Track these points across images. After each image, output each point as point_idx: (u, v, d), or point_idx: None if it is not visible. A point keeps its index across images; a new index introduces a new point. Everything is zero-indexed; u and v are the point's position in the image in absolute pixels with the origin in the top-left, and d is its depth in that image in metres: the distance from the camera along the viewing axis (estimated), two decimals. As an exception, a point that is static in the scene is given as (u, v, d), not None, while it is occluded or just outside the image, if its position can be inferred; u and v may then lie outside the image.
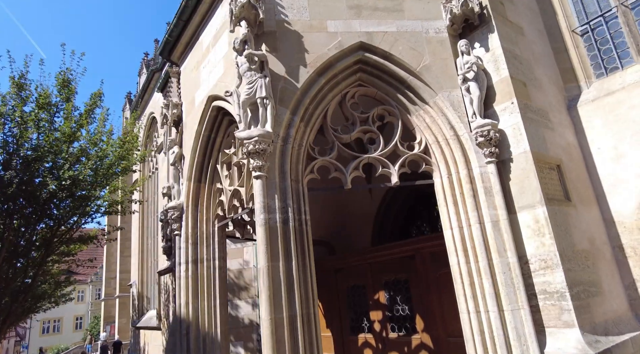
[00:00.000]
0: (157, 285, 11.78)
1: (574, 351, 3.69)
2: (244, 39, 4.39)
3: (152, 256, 14.15)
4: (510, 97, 4.50)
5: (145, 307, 14.04)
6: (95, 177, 7.48)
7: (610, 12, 5.45)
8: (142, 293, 14.22)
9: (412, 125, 4.87)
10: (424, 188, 7.35)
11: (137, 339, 13.79)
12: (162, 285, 11.59)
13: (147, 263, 14.46)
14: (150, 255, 14.30)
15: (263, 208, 4.02)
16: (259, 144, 4.07)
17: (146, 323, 12.71)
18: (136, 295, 14.33)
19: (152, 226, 14.19)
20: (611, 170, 4.89)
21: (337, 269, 7.00)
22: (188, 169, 5.98)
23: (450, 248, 4.46)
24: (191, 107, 6.15)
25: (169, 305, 10.91)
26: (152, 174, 14.76)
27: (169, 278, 11.12)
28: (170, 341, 10.47)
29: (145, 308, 14.04)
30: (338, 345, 6.79)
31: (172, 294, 10.74)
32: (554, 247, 3.98)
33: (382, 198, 8.09)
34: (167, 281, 11.20)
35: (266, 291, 3.77)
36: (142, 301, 14.14)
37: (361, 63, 4.83)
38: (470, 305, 4.21)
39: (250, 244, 8.28)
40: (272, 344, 3.63)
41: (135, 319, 14.01)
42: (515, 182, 4.34)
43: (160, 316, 11.49)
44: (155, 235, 13.91)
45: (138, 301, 14.22)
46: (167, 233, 11.24)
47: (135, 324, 13.81)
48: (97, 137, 7.94)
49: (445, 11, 4.95)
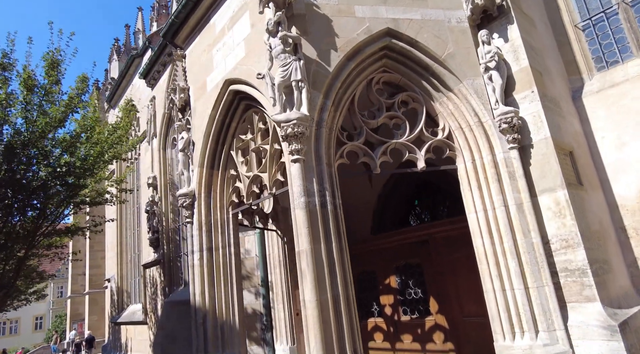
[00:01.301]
0: (142, 279, 11.40)
1: (596, 323, 3.96)
2: (277, 21, 4.32)
3: (132, 249, 13.66)
4: (530, 86, 4.71)
5: (126, 302, 13.57)
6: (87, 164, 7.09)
7: (611, 8, 5.79)
8: (121, 288, 13.72)
9: (434, 111, 4.99)
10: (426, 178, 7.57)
11: (117, 336, 13.31)
12: (148, 278, 11.25)
13: (127, 256, 13.95)
14: (130, 248, 13.80)
15: (303, 191, 4.01)
16: (297, 127, 4.04)
17: (129, 318, 12.29)
18: (115, 290, 13.80)
19: (132, 219, 13.67)
20: (615, 157, 5.24)
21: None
22: (200, 155, 5.82)
23: (475, 230, 4.64)
24: (201, 91, 5.98)
25: (157, 298, 10.62)
26: (131, 164, 14.19)
27: (156, 271, 10.81)
28: (159, 334, 10.22)
29: (125, 303, 13.56)
30: (346, 330, 6.88)
31: (162, 286, 10.46)
32: (575, 228, 4.23)
33: (382, 187, 8.22)
34: (154, 274, 10.88)
35: (311, 274, 3.78)
36: (121, 296, 13.65)
37: (387, 49, 4.88)
38: (496, 284, 4.41)
39: (251, 233, 8.17)
40: (319, 325, 3.65)
41: (115, 315, 13.51)
42: (536, 167, 4.57)
43: (146, 310, 11.15)
44: (136, 226, 13.43)
45: (117, 296, 13.71)
46: (153, 224, 10.95)
47: (115, 320, 13.32)
48: (89, 122, 7.51)
49: (466, 1, 5.08)
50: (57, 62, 7.10)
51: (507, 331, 4.28)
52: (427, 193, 7.44)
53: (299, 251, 3.99)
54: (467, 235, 5.13)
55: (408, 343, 5.94)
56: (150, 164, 11.63)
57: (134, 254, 13.60)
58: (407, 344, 5.95)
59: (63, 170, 6.49)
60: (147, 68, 11.85)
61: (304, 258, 3.88)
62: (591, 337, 3.96)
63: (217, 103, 5.60)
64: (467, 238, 5.23)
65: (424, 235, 5.83)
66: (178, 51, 6.65)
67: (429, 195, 7.41)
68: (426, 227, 5.93)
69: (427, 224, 6.06)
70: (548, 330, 4.09)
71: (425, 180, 7.64)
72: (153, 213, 10.91)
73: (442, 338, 5.59)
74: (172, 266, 10.50)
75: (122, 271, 13.86)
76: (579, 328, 4.06)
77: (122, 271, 13.86)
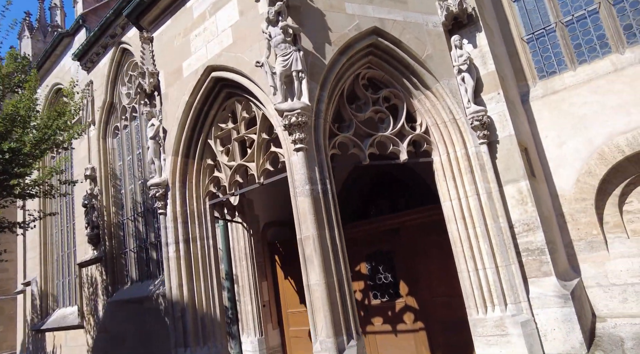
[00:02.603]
0: (78, 279, 10.46)
1: (552, 294, 4.64)
2: (278, 10, 4.35)
3: (61, 248, 12.42)
4: (496, 89, 5.31)
5: (51, 307, 12.30)
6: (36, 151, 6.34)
7: (550, 26, 6.68)
8: (45, 291, 12.40)
9: (413, 108, 5.37)
10: (387, 170, 8.03)
11: (40, 344, 12.02)
12: (85, 278, 10.38)
13: (52, 256, 12.63)
14: (57, 246, 12.52)
15: (307, 179, 4.11)
16: (301, 117, 4.12)
17: (58, 323, 11.19)
18: (37, 294, 12.43)
19: (61, 214, 12.40)
20: (556, 154, 6.08)
21: (313, 246, 7.25)
22: (175, 143, 5.60)
23: (450, 216, 5.11)
24: (175, 76, 5.74)
25: (97, 299, 9.88)
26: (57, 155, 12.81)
27: (96, 270, 10.04)
28: (101, 338, 9.52)
29: (50, 308, 12.29)
30: (315, 318, 7.08)
31: (103, 286, 9.72)
32: (535, 213, 4.89)
33: (343, 181, 8.53)
34: (94, 273, 10.09)
35: (318, 258, 3.91)
36: (46, 301, 12.34)
37: (373, 46, 5.14)
38: (470, 265, 4.92)
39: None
40: (328, 306, 3.81)
41: (38, 322, 12.18)
42: (502, 160, 5.17)
43: (82, 313, 10.27)
44: (66, 223, 12.24)
45: (40, 300, 12.36)
46: (92, 219, 10.13)
47: (37, 327, 12.01)
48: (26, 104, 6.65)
49: (441, 8, 5.54)
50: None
51: (480, 306, 4.81)
52: (385, 186, 7.89)
53: (303, 237, 4.09)
54: (437, 223, 5.64)
55: (379, 325, 6.32)
56: (87, 154, 10.69)
57: (62, 253, 12.37)
58: (378, 326, 6.33)
59: (6, 157, 5.71)
60: (83, 50, 10.85)
61: (309, 244, 3.99)
62: (549, 305, 4.63)
63: (196, 90, 5.43)
64: (436, 225, 5.74)
65: (395, 223, 6.23)
66: (144, 33, 6.27)
67: (387, 187, 7.87)
68: (398, 216, 6.34)
69: (400, 213, 6.46)
70: (515, 302, 4.69)
71: (384, 173, 8.12)
72: (92, 207, 10.07)
73: (412, 318, 6.04)
74: (116, 263, 9.81)
75: (46, 272, 12.53)
76: (538, 299, 4.71)
77: (46, 272, 12.53)
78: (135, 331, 8.72)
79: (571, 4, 6.44)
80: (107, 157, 10.46)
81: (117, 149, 10.57)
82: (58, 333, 11.24)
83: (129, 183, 10.11)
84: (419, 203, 7.30)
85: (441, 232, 5.65)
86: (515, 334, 4.53)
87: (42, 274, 12.48)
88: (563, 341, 4.48)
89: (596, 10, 6.21)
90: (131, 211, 9.89)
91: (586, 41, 6.29)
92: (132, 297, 9.02)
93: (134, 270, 9.55)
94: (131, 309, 8.92)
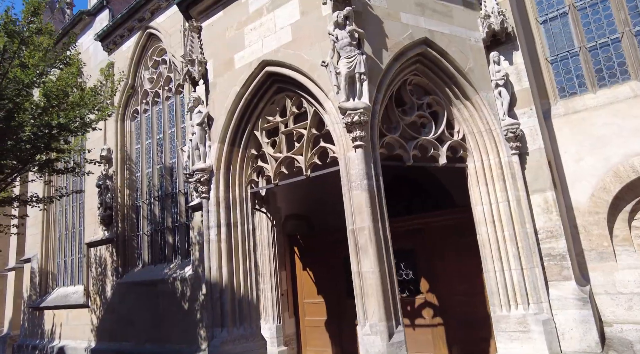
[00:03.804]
0: (86, 258, 10.49)
1: (572, 296, 5.07)
2: (347, 15, 4.63)
3: (64, 226, 12.38)
4: (529, 104, 5.72)
5: (50, 285, 12.25)
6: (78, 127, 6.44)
7: (574, 50, 7.15)
8: (45, 269, 12.34)
9: (452, 116, 5.73)
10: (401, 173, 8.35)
11: (37, 322, 11.96)
12: (94, 258, 10.43)
13: (54, 234, 12.58)
14: (61, 225, 12.47)
15: (364, 174, 4.42)
16: (363, 115, 4.42)
17: (60, 302, 11.18)
18: (37, 272, 12.36)
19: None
20: (573, 168, 6.52)
21: (336, 240, 7.53)
22: (222, 131, 5.82)
23: (481, 220, 5.49)
24: (225, 67, 5.96)
25: (105, 280, 9.97)
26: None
27: (105, 250, 10.11)
28: (108, 319, 9.60)
29: (49, 286, 12.25)
30: (333, 309, 7.37)
31: (113, 267, 9.81)
32: (559, 222, 5.32)
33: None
34: (103, 253, 10.16)
35: (373, 247, 4.23)
36: (45, 279, 12.29)
37: (421, 55, 5.48)
38: (497, 265, 5.30)
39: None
40: (380, 292, 4.13)
41: (36, 299, 12.12)
42: (530, 171, 5.58)
43: (88, 293, 10.31)
44: (72, 202, 12.20)
45: (40, 278, 12.30)
46: (106, 200, 10.19)
47: (36, 304, 11.95)
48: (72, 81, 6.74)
49: (483, 25, 5.92)
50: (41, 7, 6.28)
51: (504, 304, 5.19)
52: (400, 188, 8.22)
53: (357, 228, 4.39)
54: (459, 225, 6.03)
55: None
56: (103, 135, 10.71)
57: (65, 231, 12.33)
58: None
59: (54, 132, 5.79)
60: (107, 31, 10.88)
61: (364, 234, 4.30)
62: (568, 307, 5.05)
63: (248, 82, 5.66)
64: (458, 228, 6.13)
65: (420, 223, 6.58)
66: (193, 22, 6.46)
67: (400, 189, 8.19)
68: (423, 217, 6.69)
69: (425, 214, 6.82)
70: (537, 302, 5.09)
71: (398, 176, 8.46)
72: (107, 188, 10.12)
73: (431, 313, 6.40)
74: (127, 246, 9.90)
75: (47, 250, 12.47)
76: (558, 301, 5.13)
77: (47, 250, 12.47)
78: (146, 313, 8.84)
79: (595, 31, 6.91)
80: (124, 139, 10.52)
81: (134, 132, 10.64)
82: (59, 312, 11.23)
83: (146, 167, 10.20)
84: (434, 206, 7.68)
85: (462, 234, 6.05)
86: (537, 331, 4.92)
87: (42, 251, 12.41)
88: (579, 340, 4.90)
89: (619, 39, 6.68)
90: (147, 195, 9.99)
91: (607, 67, 6.77)
92: (144, 279, 9.13)
93: (147, 252, 9.66)
94: (143, 291, 9.04)
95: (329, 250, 7.54)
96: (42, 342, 11.54)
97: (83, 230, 11.22)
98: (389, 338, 4.03)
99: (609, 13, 6.77)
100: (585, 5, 6.94)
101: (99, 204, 10.13)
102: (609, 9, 6.77)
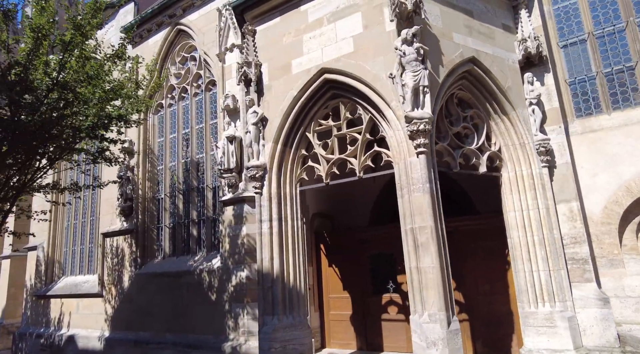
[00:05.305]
0: (101, 248, 10.55)
1: (594, 297, 5.67)
2: (415, 33, 5.09)
3: (74, 216, 12.36)
4: (558, 122, 6.33)
5: (56, 274, 12.20)
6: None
7: (591, 75, 7.84)
8: (52, 258, 12.28)
9: (490, 129, 6.27)
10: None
11: (43, 310, 11.88)
12: (110, 248, 10.52)
13: (63, 223, 12.53)
14: (71, 214, 12.43)
15: (427, 178, 4.87)
16: (427, 124, 4.89)
17: (70, 290, 11.18)
18: (42, 260, 12.29)
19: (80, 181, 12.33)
20: (588, 182, 7.16)
21: (362, 240, 7.97)
22: (276, 132, 6.18)
23: (513, 225, 6.03)
24: (282, 72, 6.32)
25: (123, 270, 10.10)
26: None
27: (124, 241, 10.24)
28: (126, 309, 9.73)
29: (55, 275, 12.19)
30: (358, 304, 7.78)
31: (131, 257, 9.94)
32: (583, 229, 5.92)
33: (383, 184, 9.33)
34: (121, 244, 10.28)
35: (434, 244, 4.69)
36: (52, 267, 12.23)
37: (467, 73, 5.99)
38: (526, 266, 5.85)
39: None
40: (441, 285, 4.59)
41: (41, 288, 12.05)
42: (557, 183, 6.18)
43: (103, 282, 10.38)
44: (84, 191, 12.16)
45: (45, 266, 12.23)
46: (126, 191, 10.32)
47: (41, 293, 11.89)
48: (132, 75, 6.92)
49: (519, 47, 6.49)
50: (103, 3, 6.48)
51: (532, 302, 5.74)
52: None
53: (417, 227, 4.84)
54: (486, 230, 6.57)
55: (423, 314, 7.13)
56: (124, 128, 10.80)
57: (75, 221, 12.31)
58: (423, 315, 7.14)
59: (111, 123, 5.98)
60: (135, 24, 11.00)
61: (425, 233, 4.75)
62: (589, 306, 5.64)
63: (306, 87, 6.04)
64: (485, 232, 6.66)
65: (451, 226, 7.05)
66: (248, 26, 6.78)
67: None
68: (454, 220, 7.18)
69: (456, 218, 7.31)
70: (562, 301, 5.66)
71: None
72: (128, 179, 10.25)
73: (457, 310, 6.88)
74: (147, 237, 10.04)
75: (54, 239, 12.41)
76: (580, 300, 5.71)
77: (54, 239, 12.41)
78: (167, 304, 9.01)
79: (612, 58, 7.60)
80: (147, 132, 10.66)
81: (157, 125, 10.79)
82: (68, 300, 11.21)
83: (169, 160, 10.37)
84: (458, 211, 8.21)
85: (487, 239, 6.59)
86: (563, 326, 5.48)
87: (50, 240, 12.35)
88: (599, 336, 5.49)
89: (632, 67, 7.39)
90: (169, 188, 10.16)
91: (621, 91, 7.47)
92: (166, 271, 9.30)
93: (168, 244, 9.83)
94: (165, 282, 9.21)
95: (355, 248, 7.96)
96: (47, 330, 11.48)
97: (96, 219, 11.27)
98: (448, 326, 4.49)
99: (625, 43, 7.46)
100: (603, 34, 7.62)
101: (119, 195, 10.23)
102: (625, 39, 7.47)
